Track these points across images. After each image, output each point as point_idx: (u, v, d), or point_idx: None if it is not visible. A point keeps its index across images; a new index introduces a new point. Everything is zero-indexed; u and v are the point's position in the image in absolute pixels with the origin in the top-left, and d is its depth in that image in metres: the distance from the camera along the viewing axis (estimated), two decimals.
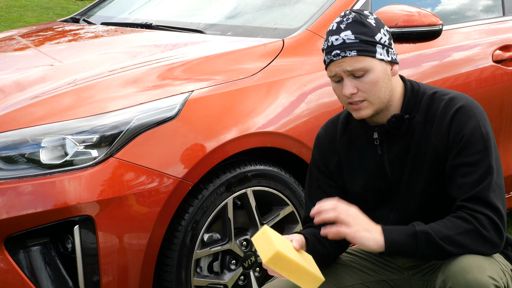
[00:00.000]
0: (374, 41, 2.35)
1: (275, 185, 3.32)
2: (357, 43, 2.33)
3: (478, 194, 2.29)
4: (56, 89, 3.19)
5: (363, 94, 2.36)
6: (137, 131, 2.98)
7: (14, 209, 2.85)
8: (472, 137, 2.33)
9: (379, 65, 2.36)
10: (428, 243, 2.24)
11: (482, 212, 2.27)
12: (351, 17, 2.37)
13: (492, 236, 2.26)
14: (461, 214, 2.28)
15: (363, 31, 2.35)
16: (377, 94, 2.37)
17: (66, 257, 2.97)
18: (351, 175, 2.55)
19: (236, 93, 3.25)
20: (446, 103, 2.40)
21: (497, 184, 2.31)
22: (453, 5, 4.32)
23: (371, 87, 2.35)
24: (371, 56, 2.35)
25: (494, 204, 2.28)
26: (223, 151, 3.11)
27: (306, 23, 3.68)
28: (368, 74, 2.35)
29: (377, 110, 2.40)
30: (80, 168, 2.91)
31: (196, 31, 3.93)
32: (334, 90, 2.43)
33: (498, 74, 4.11)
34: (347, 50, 2.33)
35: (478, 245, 2.25)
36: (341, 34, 2.34)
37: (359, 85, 2.36)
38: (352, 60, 2.33)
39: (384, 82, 2.38)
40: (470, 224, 2.25)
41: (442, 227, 2.26)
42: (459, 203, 2.31)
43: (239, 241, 3.27)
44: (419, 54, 3.84)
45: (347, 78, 2.36)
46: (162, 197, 2.97)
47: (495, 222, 2.27)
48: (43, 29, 4.66)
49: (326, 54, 2.38)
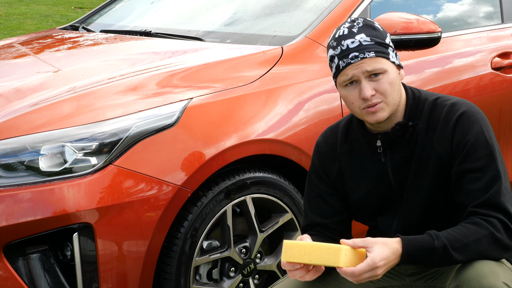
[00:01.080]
0: (386, 43, 2.39)
1: (274, 193, 3.32)
2: (373, 45, 2.36)
3: (490, 199, 2.29)
4: (55, 96, 3.19)
5: (380, 96, 2.37)
6: (136, 138, 2.98)
7: (13, 216, 2.85)
8: (476, 142, 2.34)
9: (392, 67, 2.39)
10: (444, 257, 2.25)
11: (495, 216, 2.28)
12: (361, 22, 2.40)
13: (505, 239, 2.28)
14: (475, 219, 2.28)
15: (376, 34, 2.38)
16: (392, 95, 2.38)
17: (65, 264, 2.97)
18: (353, 183, 2.55)
19: (235, 101, 3.26)
20: (448, 109, 2.40)
21: (506, 188, 2.33)
22: (452, 13, 4.33)
23: (388, 88, 2.37)
24: (386, 57, 2.37)
25: (506, 208, 2.29)
26: (222, 158, 3.12)
27: (305, 30, 3.68)
28: (385, 75, 2.36)
29: (391, 112, 2.40)
30: (79, 176, 2.91)
31: (195, 39, 3.94)
32: (346, 97, 2.41)
33: (497, 81, 4.11)
34: (366, 51, 2.35)
35: (492, 249, 2.26)
36: (357, 37, 2.36)
37: (377, 86, 2.36)
38: (371, 61, 2.35)
39: (397, 84, 2.40)
40: (485, 228, 2.26)
41: (459, 235, 2.26)
42: (470, 209, 2.31)
43: (238, 248, 3.27)
44: (418, 61, 3.85)
45: (364, 80, 2.36)
46: (161, 205, 2.97)
47: (508, 225, 2.28)
48: (42, 36, 4.67)
49: (341, 58, 2.37)
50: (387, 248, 2.21)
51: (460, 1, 4.40)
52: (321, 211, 2.57)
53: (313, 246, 2.21)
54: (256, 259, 3.32)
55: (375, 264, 2.17)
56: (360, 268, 2.17)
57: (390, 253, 2.21)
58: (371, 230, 2.61)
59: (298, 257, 2.22)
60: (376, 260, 2.17)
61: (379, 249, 2.19)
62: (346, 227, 2.60)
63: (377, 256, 2.18)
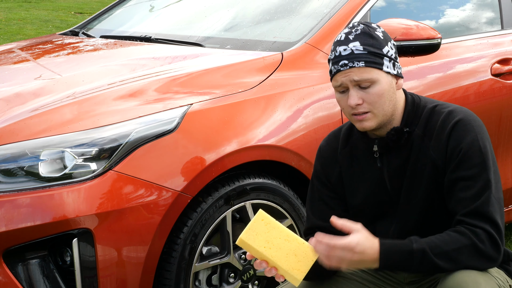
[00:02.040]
0: (381, 53, 2.37)
1: (274, 198, 3.32)
2: (365, 54, 2.35)
3: (477, 208, 2.29)
4: (55, 102, 3.19)
5: (368, 106, 2.37)
6: (136, 144, 2.98)
7: (13, 222, 2.85)
8: (470, 151, 2.34)
9: (385, 77, 2.37)
10: (424, 261, 2.24)
11: (480, 226, 2.27)
12: (359, 29, 2.38)
13: (489, 250, 2.26)
14: (460, 228, 2.28)
15: (371, 43, 2.36)
16: (382, 107, 2.37)
17: (64, 270, 2.96)
18: (351, 187, 2.55)
19: (235, 107, 3.26)
20: (445, 116, 2.40)
21: (496, 198, 2.31)
22: (451, 19, 4.34)
23: (377, 99, 2.36)
24: (378, 68, 2.36)
25: (493, 218, 2.28)
26: (222, 164, 3.12)
27: (305, 36, 3.69)
28: (374, 86, 2.36)
29: (381, 123, 2.40)
30: (79, 181, 2.91)
31: (195, 44, 3.94)
32: (338, 101, 2.43)
33: (496, 87, 4.11)
34: (355, 60, 2.34)
35: (475, 259, 2.25)
36: (350, 45, 2.35)
37: (365, 96, 2.36)
38: (359, 71, 2.34)
39: (389, 95, 2.39)
40: (467, 238, 2.25)
41: (440, 241, 2.26)
42: (458, 217, 2.31)
43: (237, 254, 3.26)
44: (418, 67, 3.85)
45: (353, 88, 2.36)
46: (161, 210, 2.97)
47: (493, 236, 2.27)
48: (42, 42, 4.67)
49: (333, 64, 2.38)
50: (368, 239, 2.24)
51: (459, 7, 4.40)
52: (322, 215, 2.57)
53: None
54: None
55: (351, 244, 2.20)
56: (336, 241, 2.21)
57: (369, 245, 2.23)
58: None
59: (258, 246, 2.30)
60: (354, 242, 2.21)
61: (361, 235, 2.23)
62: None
63: (356, 238, 2.22)
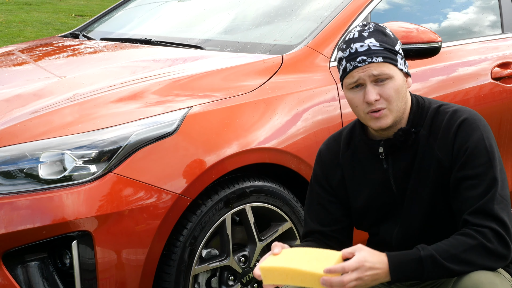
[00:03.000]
0: (395, 50, 2.40)
1: (273, 201, 3.31)
2: (382, 50, 2.37)
3: (482, 206, 2.28)
4: (56, 104, 3.19)
5: (384, 102, 2.37)
6: (136, 146, 2.98)
7: (12, 224, 2.85)
8: (476, 149, 2.34)
9: (399, 74, 2.39)
10: (435, 267, 2.23)
11: (486, 225, 2.26)
12: (372, 26, 2.41)
13: (498, 248, 2.25)
14: (465, 230, 2.28)
15: (386, 40, 2.39)
16: (397, 103, 2.38)
17: (64, 272, 2.96)
18: (355, 190, 2.55)
19: (235, 109, 3.26)
20: (450, 116, 2.41)
21: (502, 195, 2.31)
22: (452, 23, 4.34)
23: (393, 94, 2.37)
24: (394, 64, 2.38)
25: (499, 216, 2.27)
26: (222, 166, 3.11)
27: (305, 39, 3.69)
28: (391, 81, 2.37)
29: (395, 120, 2.40)
30: (78, 184, 2.91)
31: (195, 47, 3.94)
32: (351, 99, 2.42)
33: (497, 91, 4.12)
34: (374, 56, 2.35)
35: (485, 259, 2.24)
36: (366, 41, 2.37)
37: (382, 92, 2.37)
38: (378, 66, 2.36)
39: (403, 92, 2.40)
40: (474, 239, 2.25)
41: (447, 246, 2.25)
42: (464, 216, 2.31)
43: (237, 257, 3.26)
44: (418, 71, 3.85)
45: (370, 84, 2.37)
46: (161, 213, 2.97)
47: (500, 234, 2.26)
48: (42, 44, 4.67)
49: (349, 61, 2.38)
50: (374, 254, 2.21)
51: (460, 11, 4.40)
52: (320, 219, 2.57)
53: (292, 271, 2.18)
54: (255, 268, 3.31)
55: (361, 262, 2.16)
56: (349, 264, 2.15)
57: (377, 260, 2.20)
58: (372, 238, 2.60)
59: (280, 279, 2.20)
60: (362, 260, 2.16)
61: (366, 252, 2.19)
62: (346, 235, 2.59)
63: (363, 256, 2.17)
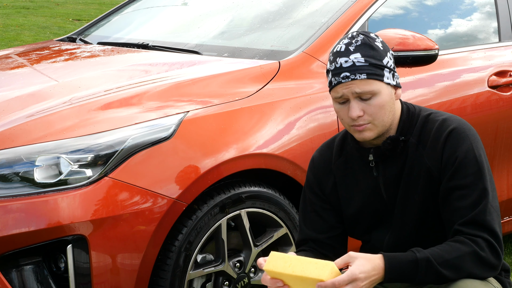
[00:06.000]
0: (382, 65, 2.36)
1: (269, 207, 3.31)
2: (367, 66, 2.33)
3: (475, 217, 2.29)
4: (52, 108, 3.19)
5: (368, 117, 2.36)
6: (132, 150, 2.98)
7: (7, 227, 2.84)
8: (465, 159, 2.34)
9: (386, 89, 2.37)
10: (428, 271, 2.24)
11: (479, 235, 2.27)
12: (360, 40, 2.37)
13: (489, 257, 2.27)
14: (459, 238, 2.28)
15: (372, 54, 2.35)
16: (382, 118, 2.37)
17: (58, 276, 2.96)
18: (347, 197, 2.55)
19: (231, 115, 3.26)
20: (439, 125, 2.41)
21: (493, 206, 2.32)
22: (449, 31, 4.34)
23: (377, 110, 2.36)
24: (379, 79, 2.35)
25: (491, 227, 2.29)
26: (218, 172, 3.11)
27: (302, 45, 3.69)
28: (375, 98, 2.35)
29: (379, 133, 2.40)
30: (74, 188, 2.91)
31: (192, 52, 3.94)
32: (338, 112, 2.42)
33: (493, 99, 4.12)
34: (357, 73, 2.33)
35: (477, 267, 2.26)
36: (351, 56, 2.34)
37: (366, 108, 2.36)
38: (361, 83, 2.33)
39: (389, 106, 2.39)
40: (468, 246, 2.26)
41: (442, 251, 2.26)
42: (456, 227, 2.31)
43: (232, 262, 3.26)
44: (414, 79, 3.85)
45: (354, 100, 2.36)
46: (156, 217, 2.97)
47: (493, 244, 2.27)
48: (39, 48, 4.67)
49: (334, 75, 2.37)
50: (368, 262, 2.20)
51: (457, 19, 4.41)
52: (315, 226, 2.57)
53: (300, 259, 2.19)
54: (250, 273, 3.31)
55: (354, 275, 2.15)
56: (340, 279, 2.14)
57: (371, 267, 2.20)
58: (364, 245, 2.60)
59: (282, 267, 2.19)
60: (356, 272, 2.16)
61: (359, 262, 2.19)
62: (340, 242, 2.60)
63: (356, 268, 2.17)
